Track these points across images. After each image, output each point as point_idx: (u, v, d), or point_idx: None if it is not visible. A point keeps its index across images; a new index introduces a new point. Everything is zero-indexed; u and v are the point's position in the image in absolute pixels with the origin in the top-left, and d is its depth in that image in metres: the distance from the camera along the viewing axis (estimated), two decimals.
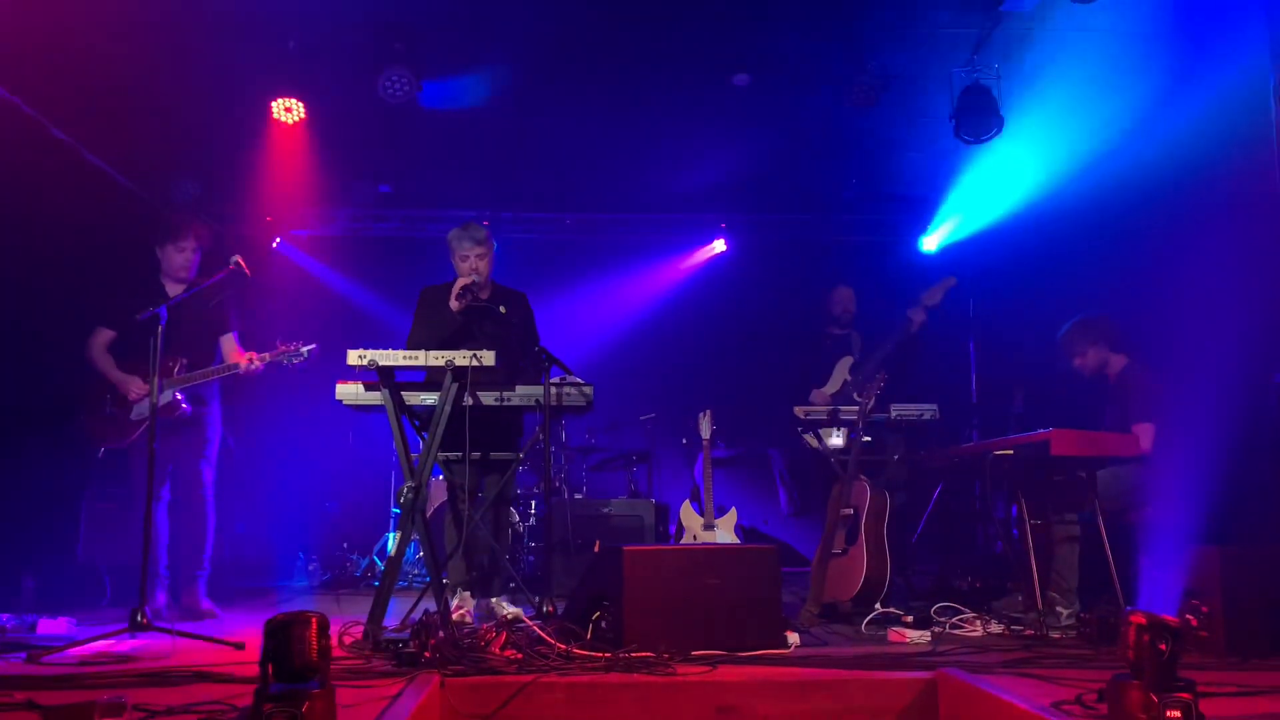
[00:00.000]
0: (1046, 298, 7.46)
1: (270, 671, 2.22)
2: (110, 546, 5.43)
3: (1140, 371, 4.67)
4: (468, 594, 4.63)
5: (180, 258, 4.94)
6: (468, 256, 4.70)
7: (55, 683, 2.84)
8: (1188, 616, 3.60)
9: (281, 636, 2.22)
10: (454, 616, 4.10)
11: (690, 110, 6.69)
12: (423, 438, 4.60)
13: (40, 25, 5.14)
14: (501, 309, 4.72)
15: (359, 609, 4.22)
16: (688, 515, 5.93)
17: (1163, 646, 2.36)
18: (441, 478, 5.87)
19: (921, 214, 8.70)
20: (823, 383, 5.96)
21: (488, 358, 4.02)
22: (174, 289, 4.96)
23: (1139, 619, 2.41)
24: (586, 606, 3.76)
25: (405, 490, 3.96)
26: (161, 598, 4.74)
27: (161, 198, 7.29)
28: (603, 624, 3.62)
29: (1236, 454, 5.01)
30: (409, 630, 3.45)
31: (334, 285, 8.50)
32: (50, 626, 3.70)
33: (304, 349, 4.74)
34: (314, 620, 2.25)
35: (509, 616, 4.10)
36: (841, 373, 5.90)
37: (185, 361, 4.79)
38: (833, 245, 8.87)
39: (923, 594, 5.40)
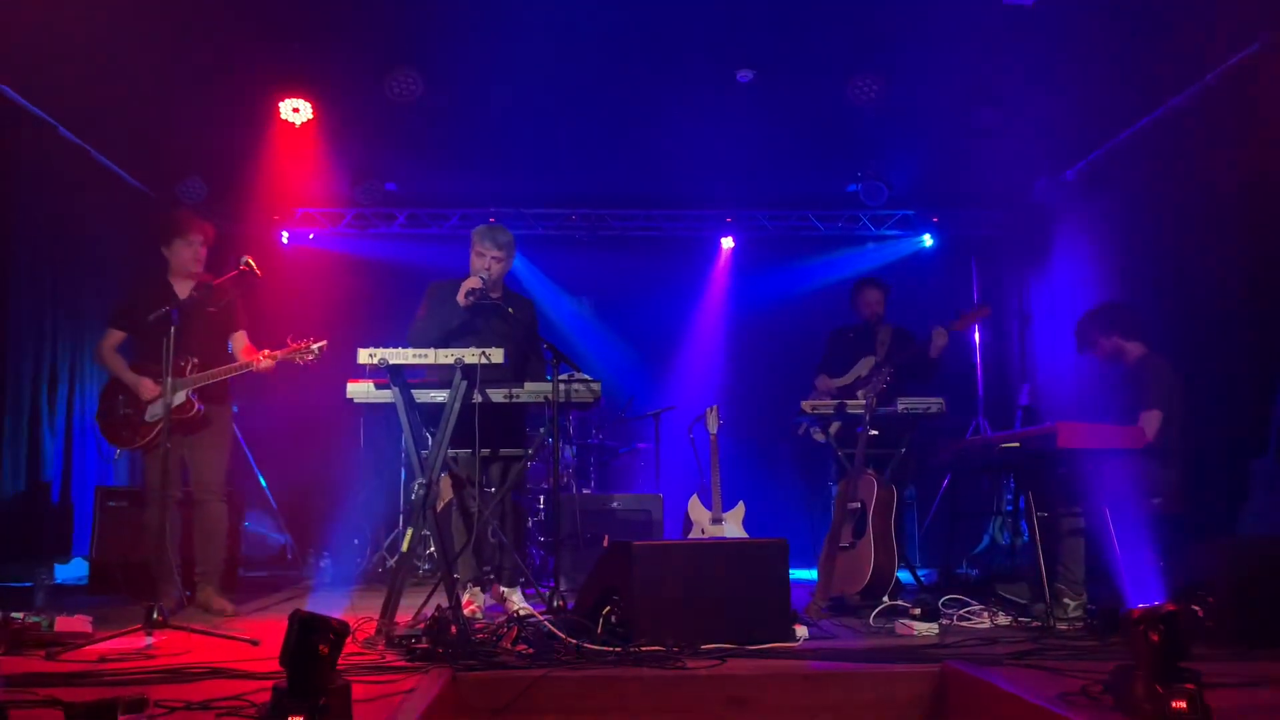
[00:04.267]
0: (1055, 288, 7.49)
1: (287, 668, 2.26)
2: (125, 545, 5.48)
3: (1155, 360, 4.67)
4: (478, 589, 4.67)
5: (189, 251, 4.97)
6: (484, 255, 4.73)
7: (76, 679, 2.89)
8: (1194, 607, 3.62)
9: (299, 634, 2.26)
10: (465, 612, 4.14)
11: (695, 106, 6.70)
12: (430, 434, 4.64)
13: (49, 28, 5.18)
14: (510, 310, 4.76)
15: (371, 605, 4.27)
16: (696, 509, 5.96)
17: (1168, 638, 2.38)
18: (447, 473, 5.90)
19: (928, 209, 8.72)
20: (837, 375, 5.98)
21: (496, 355, 4.06)
22: (183, 288, 4.99)
23: (1144, 610, 2.43)
24: (596, 601, 3.80)
25: (416, 487, 4.00)
26: (176, 595, 4.79)
27: (170, 198, 7.34)
28: (612, 618, 3.65)
29: (1244, 447, 5.03)
30: (421, 626, 3.49)
31: (341, 283, 8.52)
32: (68, 624, 3.73)
33: (315, 345, 4.77)
34: (330, 618, 2.29)
35: (519, 612, 4.14)
36: (859, 370, 5.90)
37: (196, 361, 4.83)
38: (841, 240, 8.90)
39: (929, 586, 5.43)
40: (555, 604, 4.08)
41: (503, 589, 4.71)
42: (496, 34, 5.70)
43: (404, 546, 4.00)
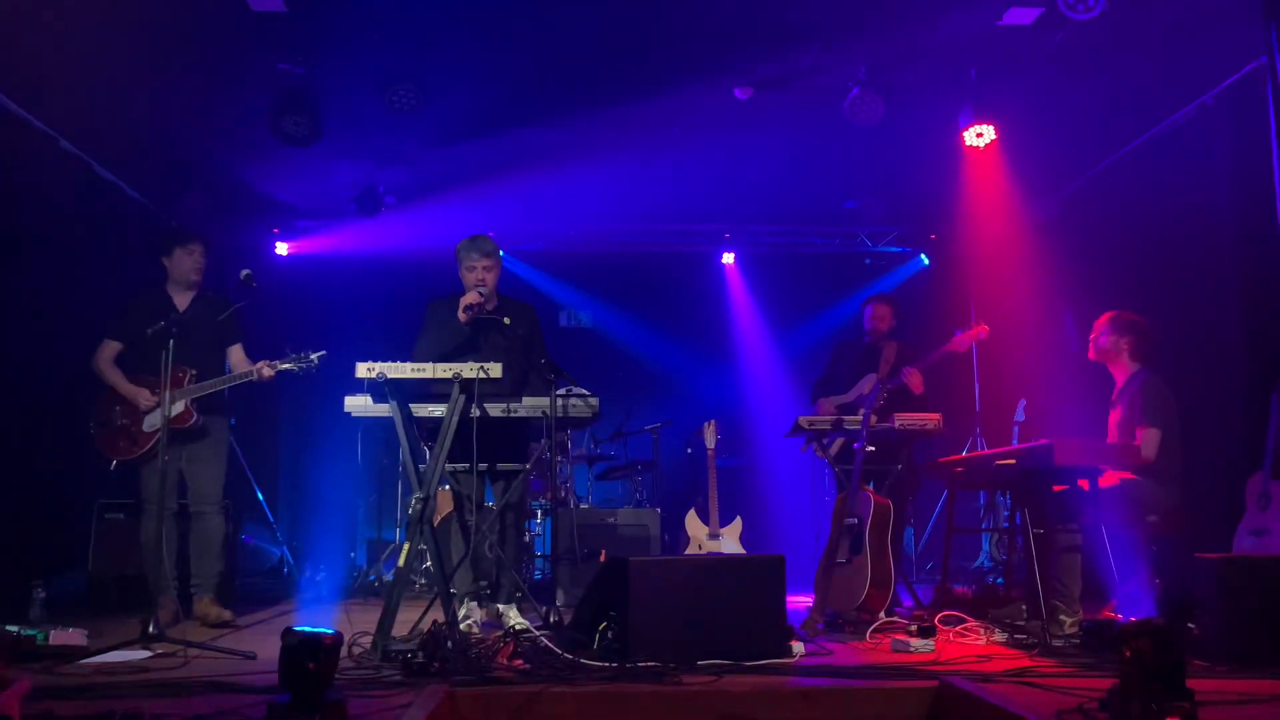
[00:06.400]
0: (1052, 305, 7.50)
1: (284, 683, 2.26)
2: (122, 557, 5.47)
3: (1153, 380, 4.68)
4: (475, 604, 4.66)
5: (189, 261, 4.99)
6: (474, 267, 4.73)
7: (71, 694, 2.88)
8: (1188, 624, 3.62)
9: (295, 649, 2.26)
10: (461, 627, 4.13)
11: (694, 122, 6.73)
12: (429, 449, 4.64)
13: (50, 42, 5.21)
14: (506, 320, 4.76)
15: (367, 619, 4.26)
16: (693, 524, 5.96)
17: (1163, 655, 2.39)
18: (448, 488, 5.91)
19: (925, 226, 8.76)
20: (840, 392, 5.98)
21: (494, 370, 4.07)
22: (181, 299, 5.01)
23: (1139, 627, 2.44)
24: (593, 617, 3.79)
25: (414, 501, 4.00)
26: (172, 608, 4.78)
27: (169, 210, 7.37)
28: (609, 634, 3.65)
29: (1238, 465, 5.04)
30: (417, 641, 3.49)
31: (339, 296, 8.54)
32: (63, 637, 3.72)
33: (313, 356, 4.79)
34: (326, 634, 2.29)
35: (516, 627, 4.13)
36: (862, 388, 5.91)
37: (194, 373, 4.84)
38: (840, 256, 8.94)
39: (926, 603, 5.43)
40: (552, 620, 4.07)
41: (500, 604, 4.71)
42: (496, 49, 5.73)
43: (401, 561, 4.00)
